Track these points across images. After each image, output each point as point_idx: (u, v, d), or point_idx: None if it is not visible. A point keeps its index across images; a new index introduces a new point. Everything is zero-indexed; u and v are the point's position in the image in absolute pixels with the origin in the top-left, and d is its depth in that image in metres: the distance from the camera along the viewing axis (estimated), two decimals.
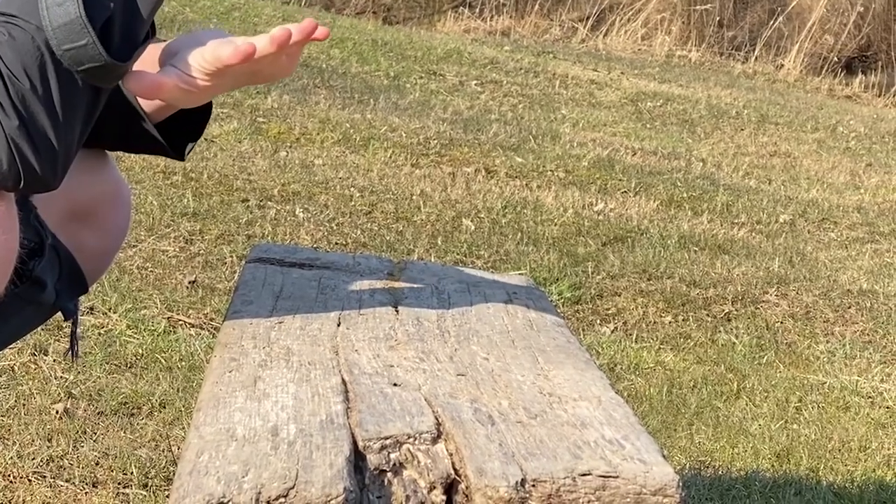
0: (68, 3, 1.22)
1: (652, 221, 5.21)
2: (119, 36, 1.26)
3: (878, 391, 3.67)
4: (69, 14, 1.21)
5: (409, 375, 1.20)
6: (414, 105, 6.96)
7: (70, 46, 1.22)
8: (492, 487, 0.98)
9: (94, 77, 1.24)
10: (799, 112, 8.73)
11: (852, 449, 3.19)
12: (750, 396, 3.48)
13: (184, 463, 1.01)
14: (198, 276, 3.77)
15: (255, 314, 1.43)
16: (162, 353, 3.10)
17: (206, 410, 1.12)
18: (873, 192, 6.46)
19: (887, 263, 5.07)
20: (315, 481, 0.96)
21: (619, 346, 3.75)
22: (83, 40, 1.22)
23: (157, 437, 2.68)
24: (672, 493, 1.00)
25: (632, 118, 7.85)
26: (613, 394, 1.19)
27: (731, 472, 2.95)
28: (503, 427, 1.08)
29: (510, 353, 1.29)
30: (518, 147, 6.28)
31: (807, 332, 4.13)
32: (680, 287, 4.36)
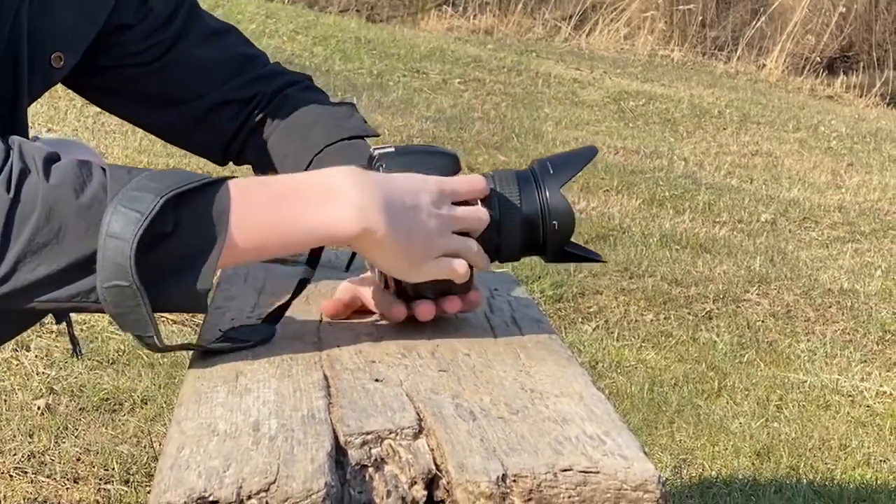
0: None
1: (634, 220, 5.23)
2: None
3: (859, 390, 3.68)
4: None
5: (390, 371, 1.20)
6: (397, 103, 6.96)
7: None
8: (473, 482, 0.98)
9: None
10: (781, 112, 8.76)
11: (832, 447, 3.21)
12: (731, 395, 3.50)
13: (165, 457, 1.01)
14: None
15: (238, 310, 1.43)
16: (144, 350, 3.10)
17: (187, 405, 1.12)
18: (854, 192, 6.49)
19: (868, 263, 5.10)
20: (296, 476, 0.96)
21: (601, 344, 3.77)
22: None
23: (138, 433, 2.68)
24: (653, 489, 1.00)
25: (614, 117, 7.87)
26: (595, 390, 1.19)
27: (711, 469, 2.96)
28: (484, 423, 1.08)
29: (492, 350, 1.29)
30: (501, 145, 6.29)
31: (787, 331, 4.15)
32: (661, 285, 4.37)
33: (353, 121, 1.65)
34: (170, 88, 1.66)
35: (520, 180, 1.34)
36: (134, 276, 1.11)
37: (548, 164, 1.35)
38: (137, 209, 1.12)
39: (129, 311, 1.14)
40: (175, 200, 1.14)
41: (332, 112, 1.65)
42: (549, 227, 1.33)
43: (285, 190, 1.22)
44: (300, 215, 1.19)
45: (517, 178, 1.34)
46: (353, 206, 1.20)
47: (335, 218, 1.20)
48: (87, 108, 5.22)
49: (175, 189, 1.14)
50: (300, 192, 1.21)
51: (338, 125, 1.62)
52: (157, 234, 1.13)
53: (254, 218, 1.18)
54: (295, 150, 1.61)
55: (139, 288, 1.12)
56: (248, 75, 1.69)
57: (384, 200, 1.21)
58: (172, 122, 1.69)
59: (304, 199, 1.20)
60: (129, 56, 1.65)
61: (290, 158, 1.62)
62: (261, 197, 1.20)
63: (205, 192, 1.17)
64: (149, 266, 1.13)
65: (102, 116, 5.16)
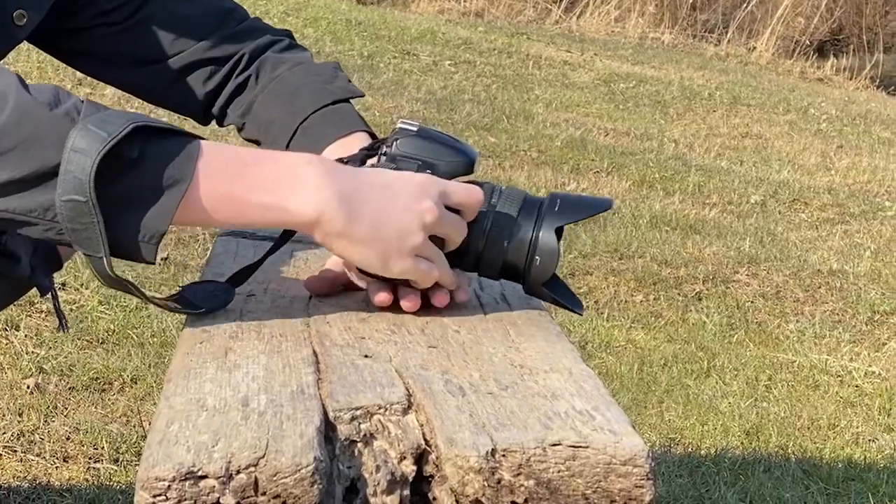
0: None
1: (624, 201, 5.23)
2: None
3: (847, 370, 3.69)
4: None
5: (380, 347, 1.20)
6: (388, 84, 6.95)
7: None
8: (462, 457, 0.98)
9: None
10: (771, 94, 8.77)
11: (821, 426, 3.22)
12: (720, 374, 3.51)
13: (153, 433, 1.01)
14: (170, 252, 3.76)
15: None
16: (134, 329, 3.10)
17: (176, 381, 1.11)
18: (844, 174, 6.50)
19: (857, 244, 5.11)
20: (285, 451, 0.96)
21: (591, 325, 3.77)
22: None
23: (128, 412, 2.68)
24: (641, 464, 1.00)
25: (605, 99, 7.86)
26: (584, 366, 1.19)
27: (700, 449, 2.97)
28: (474, 398, 1.08)
29: (481, 326, 1.29)
30: (491, 127, 6.28)
31: (777, 312, 4.16)
32: (651, 266, 4.38)
33: (338, 82, 1.63)
34: (143, 47, 1.65)
35: (524, 203, 1.32)
36: (91, 191, 1.12)
37: (558, 199, 1.34)
38: (106, 129, 1.13)
39: (83, 227, 1.14)
40: (145, 134, 1.15)
41: (317, 74, 1.64)
42: (532, 261, 1.32)
43: (251, 161, 1.21)
44: (259, 189, 1.19)
45: (523, 201, 1.33)
46: (311, 194, 1.19)
47: (291, 203, 1.19)
48: (82, 82, 5.20)
49: (148, 122, 1.15)
50: (263, 169, 1.20)
51: (322, 88, 1.61)
52: (122, 162, 1.13)
53: (216, 177, 1.17)
54: (280, 117, 1.60)
55: (95, 205, 1.12)
56: (225, 31, 1.67)
57: (347, 192, 1.21)
58: (147, 81, 1.68)
59: (264, 178, 1.19)
60: (101, 16, 1.63)
61: (275, 125, 1.61)
62: (226, 161, 1.19)
63: (176, 137, 1.18)
64: (109, 194, 1.13)
65: (101, 87, 5.15)
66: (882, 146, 7.50)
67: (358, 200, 1.21)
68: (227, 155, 1.20)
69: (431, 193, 1.24)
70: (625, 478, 1.00)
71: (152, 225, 1.16)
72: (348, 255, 1.24)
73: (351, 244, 1.22)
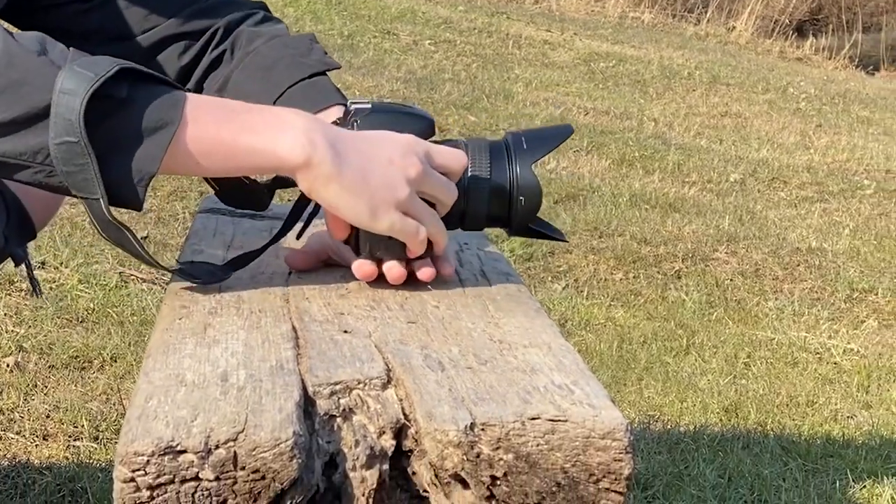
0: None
1: (604, 180, 5.24)
2: None
3: (826, 347, 3.71)
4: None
5: (359, 323, 1.20)
6: (368, 64, 6.93)
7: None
8: (441, 431, 0.98)
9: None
10: (750, 73, 8.78)
11: (800, 403, 3.23)
12: (699, 352, 3.52)
13: (133, 408, 1.00)
14: (150, 231, 3.75)
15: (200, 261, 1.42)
16: (114, 308, 3.09)
17: (155, 357, 1.11)
18: (823, 153, 6.52)
19: (836, 222, 5.13)
20: (264, 425, 0.96)
21: (571, 303, 3.78)
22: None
23: (108, 390, 2.67)
24: (620, 437, 1.00)
25: (584, 78, 7.86)
26: (563, 341, 1.20)
27: (679, 425, 2.98)
28: (453, 373, 1.08)
29: (461, 302, 1.29)
30: (471, 106, 6.27)
31: (756, 290, 4.17)
32: (631, 244, 4.38)
33: (314, 55, 1.63)
34: (115, 24, 1.64)
35: (492, 151, 1.33)
36: (82, 131, 1.12)
37: (522, 138, 1.35)
38: (93, 70, 1.14)
39: (77, 169, 1.14)
40: (132, 77, 1.16)
41: (293, 48, 1.63)
42: (517, 202, 1.33)
43: (238, 108, 1.21)
44: (247, 133, 1.19)
45: (490, 149, 1.34)
46: (299, 137, 1.19)
47: (280, 145, 1.19)
48: None
49: (135, 66, 1.16)
50: (251, 115, 1.21)
51: (298, 62, 1.60)
52: (110, 103, 1.14)
53: (204, 120, 1.18)
54: (256, 92, 1.60)
55: (87, 145, 1.13)
56: (198, 6, 1.66)
57: (334, 139, 1.21)
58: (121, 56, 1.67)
59: (253, 122, 1.20)
60: None
61: (251, 99, 1.60)
62: (215, 107, 1.20)
63: (163, 83, 1.18)
64: (99, 135, 1.14)
65: None
66: (861, 125, 7.53)
67: (345, 146, 1.21)
68: (214, 101, 1.21)
69: (416, 151, 1.25)
70: (604, 451, 1.00)
71: (142, 166, 1.16)
72: (337, 204, 1.23)
73: (340, 191, 1.21)
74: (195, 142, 1.17)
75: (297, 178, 1.21)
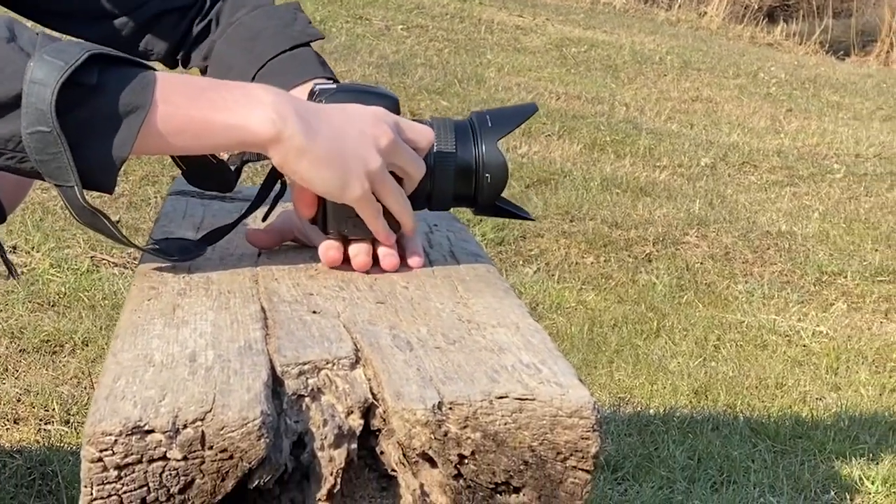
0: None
1: (575, 164, 5.25)
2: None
3: (795, 330, 3.74)
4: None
5: (328, 303, 1.20)
6: (340, 49, 6.91)
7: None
8: (409, 410, 0.99)
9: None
10: (721, 58, 8.80)
11: (769, 386, 3.26)
12: (669, 335, 3.53)
13: (101, 388, 1.00)
14: (122, 216, 3.74)
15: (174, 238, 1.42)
16: (85, 292, 3.08)
17: (124, 337, 1.11)
18: (793, 137, 6.55)
19: (806, 206, 5.16)
20: (232, 405, 0.96)
21: (542, 287, 3.79)
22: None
23: (79, 374, 2.67)
24: (588, 415, 1.01)
25: (556, 63, 7.86)
26: (531, 321, 1.20)
27: (650, 408, 3.00)
28: (421, 352, 1.09)
29: (430, 282, 1.30)
30: (443, 91, 6.27)
31: (726, 273, 4.20)
32: (602, 228, 4.40)
33: (297, 25, 1.63)
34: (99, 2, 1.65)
35: (457, 130, 1.34)
36: (54, 121, 1.12)
37: (487, 116, 1.36)
38: (62, 58, 1.13)
39: (51, 158, 1.14)
40: (103, 61, 1.15)
41: (276, 18, 1.64)
42: (483, 180, 1.33)
43: (207, 86, 1.21)
44: (218, 109, 1.19)
45: (455, 128, 1.34)
46: (269, 112, 1.19)
47: (251, 120, 1.19)
48: None
49: (104, 50, 1.16)
50: (220, 92, 1.21)
51: (281, 33, 1.60)
52: (81, 90, 1.14)
53: (175, 101, 1.18)
54: (239, 63, 1.60)
55: (59, 133, 1.13)
56: None
57: (305, 112, 1.21)
58: (114, 34, 1.68)
59: (222, 99, 1.20)
60: None
61: (234, 71, 1.61)
62: (184, 86, 1.20)
63: (132, 65, 1.18)
64: (71, 122, 1.13)
65: None
66: (831, 110, 7.56)
67: (315, 119, 1.22)
68: (184, 80, 1.21)
69: (387, 121, 1.26)
70: (571, 430, 1.01)
71: (114, 151, 1.16)
72: (309, 177, 1.23)
73: (312, 164, 1.21)
74: (165, 122, 1.17)
75: (269, 153, 1.21)
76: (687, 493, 2.57)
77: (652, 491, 2.54)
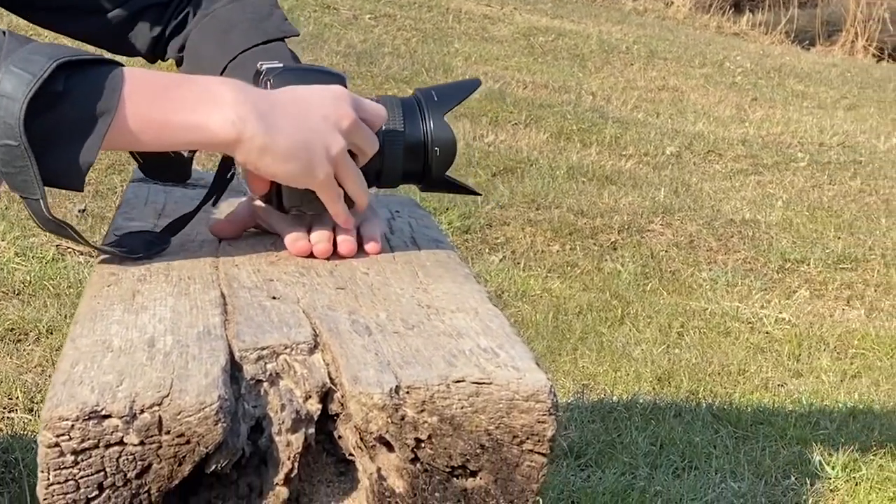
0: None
1: (541, 153, 5.26)
2: None
3: (758, 317, 3.76)
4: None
5: (288, 289, 1.21)
6: (307, 38, 6.89)
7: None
8: (366, 395, 0.99)
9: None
10: (687, 48, 8.83)
11: (731, 372, 3.28)
12: (633, 322, 3.55)
13: (58, 373, 1.01)
14: (88, 204, 3.72)
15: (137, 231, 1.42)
16: (50, 281, 3.07)
17: (82, 323, 1.11)
18: (758, 126, 6.58)
19: (769, 194, 5.19)
20: (189, 390, 0.96)
21: (507, 274, 3.80)
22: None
23: (43, 362, 2.66)
24: (544, 399, 1.02)
25: (524, 52, 7.87)
26: (491, 305, 1.21)
27: (613, 394, 3.01)
28: (380, 337, 1.09)
29: (390, 268, 1.30)
30: (410, 79, 6.26)
31: (690, 261, 4.22)
32: (568, 216, 4.41)
33: (272, 21, 1.63)
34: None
35: (404, 106, 1.35)
36: (22, 136, 1.12)
37: (432, 92, 1.37)
38: (30, 70, 1.13)
39: (17, 171, 1.14)
40: (69, 68, 1.15)
41: (251, 12, 1.64)
42: (432, 154, 1.34)
43: (170, 84, 1.21)
44: (178, 110, 1.19)
45: (402, 105, 1.35)
46: (229, 114, 1.19)
47: (212, 121, 1.19)
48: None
49: (70, 56, 1.15)
50: (183, 90, 1.21)
51: (255, 27, 1.60)
52: (48, 98, 1.13)
53: (139, 102, 1.18)
54: (211, 55, 1.60)
55: (27, 148, 1.12)
56: None
57: (264, 108, 1.22)
58: (102, 30, 1.67)
59: (184, 98, 1.20)
60: None
61: (206, 62, 1.61)
62: (148, 85, 1.20)
63: (99, 66, 1.18)
64: (38, 130, 1.13)
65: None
66: (795, 99, 7.60)
67: (275, 115, 1.22)
68: (148, 79, 1.20)
69: (348, 101, 1.26)
70: (527, 413, 1.01)
71: (82, 156, 1.16)
72: (274, 172, 1.24)
73: (275, 159, 1.22)
74: (131, 123, 1.18)
75: (232, 153, 1.22)
76: (649, 478, 2.59)
77: (614, 477, 2.56)
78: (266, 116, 1.21)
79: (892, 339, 3.64)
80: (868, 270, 4.27)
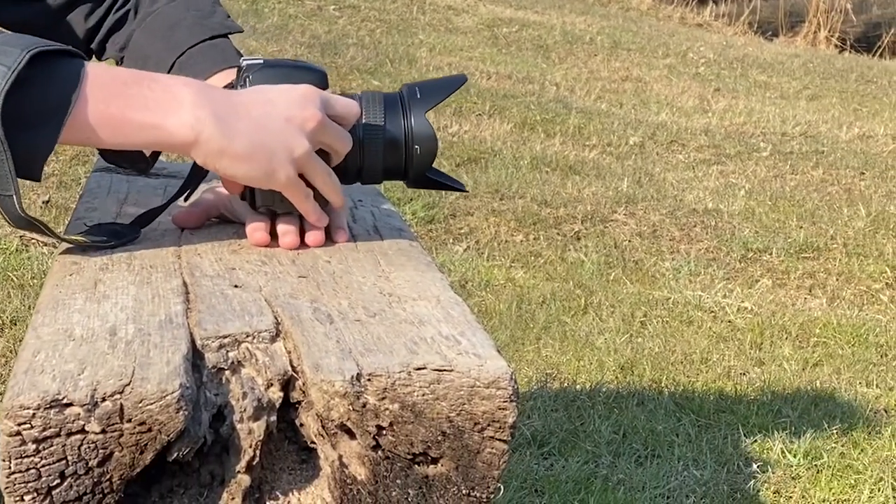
0: None
1: (505, 143, 5.27)
2: None
3: (721, 306, 3.79)
4: None
5: (250, 277, 1.21)
6: (272, 29, 6.87)
7: None
8: (327, 382, 1.00)
9: None
10: (651, 39, 8.86)
11: (694, 361, 3.30)
12: (597, 311, 3.57)
13: (20, 363, 1.00)
14: (52, 195, 3.70)
15: (99, 220, 1.42)
16: (14, 272, 3.06)
17: (44, 312, 1.11)
18: (721, 116, 6.61)
19: (732, 184, 5.22)
20: (151, 378, 0.96)
21: (471, 264, 3.81)
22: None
23: (7, 353, 2.65)
24: (505, 386, 1.02)
25: (488, 43, 7.87)
26: (452, 293, 1.21)
27: (576, 383, 3.03)
28: (342, 325, 1.09)
29: (352, 257, 1.31)
30: (375, 70, 6.26)
31: (653, 250, 4.24)
32: (531, 206, 4.42)
33: (216, 17, 1.63)
34: None
35: (386, 103, 1.35)
36: (0, 131, 1.12)
37: (416, 88, 1.37)
38: (4, 63, 1.13)
39: None
40: (38, 58, 1.15)
41: (195, 9, 1.63)
42: (412, 152, 1.34)
43: (131, 81, 1.21)
44: (137, 110, 1.19)
45: (384, 101, 1.35)
46: (186, 116, 1.20)
47: (170, 122, 1.20)
48: None
49: (43, 47, 1.15)
50: (143, 88, 1.20)
51: (200, 24, 1.60)
52: (11, 86, 1.13)
53: (98, 98, 1.18)
54: (157, 52, 1.60)
55: (3, 141, 1.12)
56: None
57: (223, 111, 1.21)
58: (32, 18, 1.66)
59: (143, 97, 1.20)
60: None
61: (151, 60, 1.60)
62: (108, 82, 1.20)
63: (63, 58, 1.18)
64: (3, 118, 1.13)
65: None
66: (758, 89, 7.64)
67: (234, 117, 1.22)
68: (109, 75, 1.20)
69: (315, 101, 1.26)
70: (488, 400, 1.02)
71: (40, 146, 1.16)
72: (232, 173, 1.24)
73: (233, 161, 1.22)
74: (89, 118, 1.18)
75: (189, 155, 1.22)
76: (612, 466, 2.60)
77: (577, 465, 2.57)
78: (224, 119, 1.21)
79: (853, 328, 3.67)
80: (830, 259, 4.31)
